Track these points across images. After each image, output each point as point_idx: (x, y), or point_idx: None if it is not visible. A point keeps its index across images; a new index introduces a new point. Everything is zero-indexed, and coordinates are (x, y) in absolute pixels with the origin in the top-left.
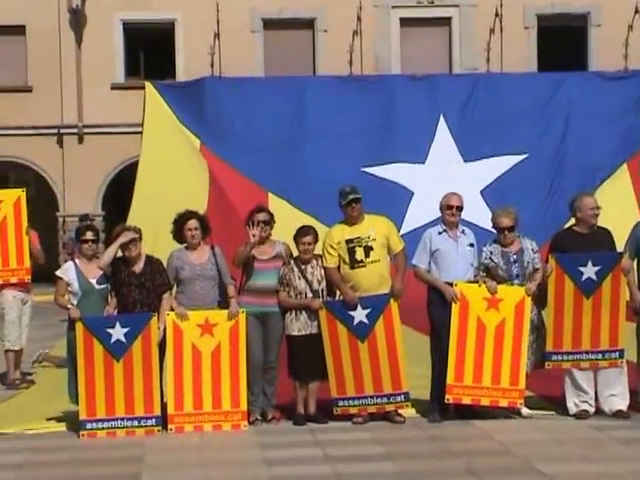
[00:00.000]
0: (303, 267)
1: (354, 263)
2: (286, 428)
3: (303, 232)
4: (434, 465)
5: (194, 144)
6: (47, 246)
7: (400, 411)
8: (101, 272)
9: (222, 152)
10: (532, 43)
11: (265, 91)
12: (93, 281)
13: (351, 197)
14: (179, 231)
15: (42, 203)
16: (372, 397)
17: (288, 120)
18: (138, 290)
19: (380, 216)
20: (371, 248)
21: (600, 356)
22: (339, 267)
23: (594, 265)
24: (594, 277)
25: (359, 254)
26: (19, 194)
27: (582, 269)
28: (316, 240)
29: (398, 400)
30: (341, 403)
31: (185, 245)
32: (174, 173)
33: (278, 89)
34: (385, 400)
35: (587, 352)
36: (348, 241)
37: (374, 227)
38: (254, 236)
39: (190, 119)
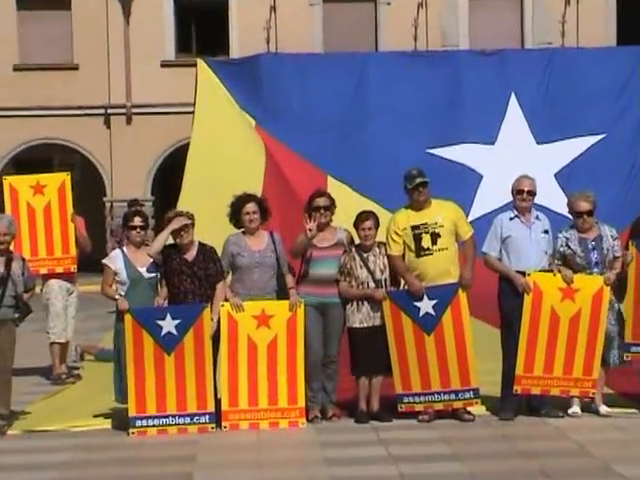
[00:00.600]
0: (365, 255)
1: (420, 251)
2: (347, 426)
3: (363, 217)
4: (505, 466)
5: (249, 124)
6: (93, 233)
7: (469, 408)
8: (151, 260)
9: (279, 133)
10: (611, 14)
11: (324, 68)
12: (142, 270)
13: (418, 181)
14: (236, 215)
15: (88, 188)
16: (439, 393)
17: (349, 99)
18: (190, 279)
19: (447, 201)
20: (438, 235)
21: None
22: (404, 255)
23: None
24: None
25: (425, 241)
26: (64, 178)
27: None
28: (377, 226)
29: (467, 397)
30: (406, 399)
31: (242, 230)
32: (228, 155)
33: (338, 66)
34: (453, 397)
35: None
36: (414, 227)
37: (441, 213)
38: (310, 230)
39: (245, 98)
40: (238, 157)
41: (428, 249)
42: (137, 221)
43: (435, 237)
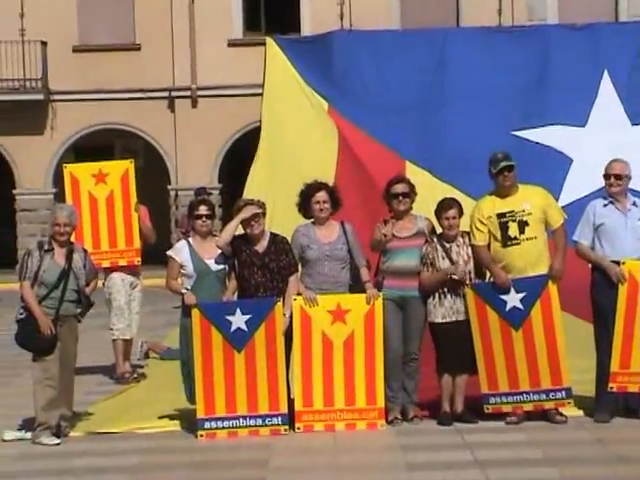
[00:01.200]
0: (448, 246)
1: (507, 240)
2: (430, 428)
3: (446, 205)
4: (601, 472)
5: (321, 107)
6: (158, 224)
7: (561, 409)
8: (219, 252)
9: (353, 115)
10: None
11: (401, 46)
12: (209, 262)
13: (503, 164)
14: (306, 204)
15: (152, 175)
16: (528, 393)
17: (428, 78)
18: (261, 272)
19: (536, 187)
20: (526, 223)
21: None
22: (489, 245)
23: None
24: None
25: (512, 230)
26: (127, 166)
27: None
28: (461, 214)
29: (558, 397)
30: (492, 400)
31: (312, 220)
32: (299, 140)
33: (416, 43)
34: (543, 397)
35: None
36: (500, 215)
37: (529, 199)
38: (385, 236)
39: (317, 78)
40: (310, 142)
41: (515, 238)
42: (203, 210)
43: (523, 225)
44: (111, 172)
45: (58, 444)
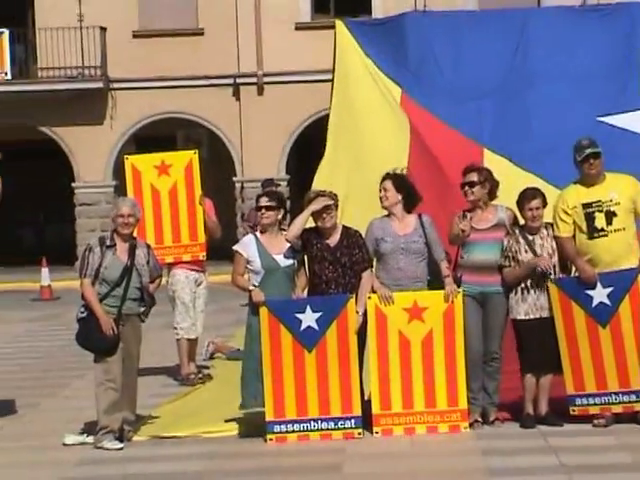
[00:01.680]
0: (531, 238)
1: (593, 232)
2: (512, 431)
3: (529, 195)
4: None
5: (394, 93)
6: (223, 217)
7: None
8: (287, 246)
9: (428, 102)
10: None
11: (480, 28)
12: (278, 257)
13: (589, 151)
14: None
15: (216, 166)
16: (617, 394)
17: (508, 61)
18: (332, 267)
19: (624, 175)
20: (614, 214)
21: None
22: (574, 237)
23: None
24: None
25: (599, 221)
26: (190, 156)
27: None
28: (544, 204)
29: None
30: (579, 401)
31: (387, 213)
32: (370, 128)
33: (495, 24)
34: (633, 398)
35: None
36: (585, 205)
37: (617, 188)
38: (464, 232)
39: (389, 63)
40: (381, 130)
41: (602, 230)
42: (263, 201)
43: (610, 216)
44: (174, 163)
45: (121, 449)
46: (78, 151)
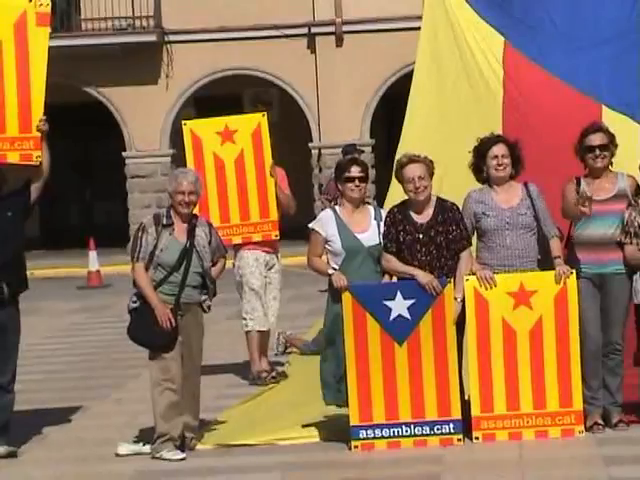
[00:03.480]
0: None
1: None
2: (638, 436)
3: None
4: None
5: (495, 43)
6: (298, 190)
7: None
8: (373, 223)
9: (536, 53)
10: None
11: None
12: (362, 236)
13: None
14: (480, 162)
15: (289, 131)
16: None
17: (628, 3)
18: (426, 249)
19: None
20: None
21: None
22: None
23: None
24: None
25: None
26: (259, 120)
27: None
28: None
29: None
30: None
31: (487, 183)
32: (462, 85)
33: None
34: None
35: None
36: None
37: None
38: (584, 200)
39: (490, 8)
40: (478, 88)
41: None
42: (355, 171)
43: None
44: (240, 128)
45: (183, 459)
46: (129, 115)
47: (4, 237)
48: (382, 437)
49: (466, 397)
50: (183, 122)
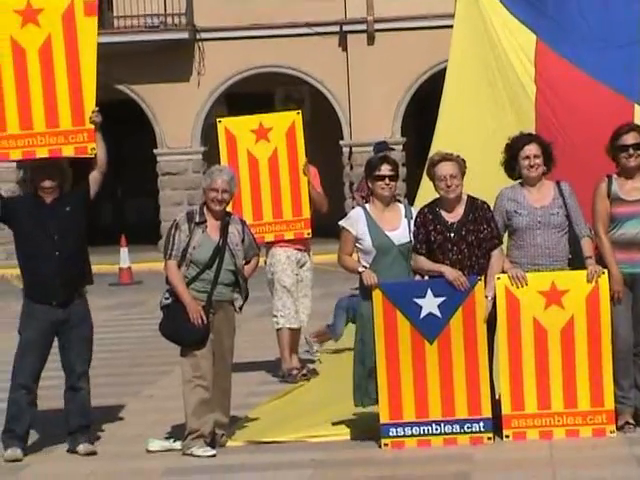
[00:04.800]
0: None
1: None
2: None
3: None
4: None
5: (527, 41)
6: (330, 188)
7: None
8: (403, 221)
9: (569, 51)
10: None
11: None
12: (392, 234)
13: None
14: (512, 161)
15: (321, 129)
16: None
17: None
18: (457, 248)
19: None
20: None
21: None
22: None
23: None
24: None
25: None
26: (293, 118)
27: None
28: None
29: None
30: None
31: (520, 181)
32: (495, 83)
33: None
34: None
35: None
36: None
37: None
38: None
39: (522, 5)
40: (511, 86)
41: None
42: (385, 170)
43: None
44: (274, 126)
45: (213, 456)
46: (161, 112)
47: (64, 232)
48: (412, 435)
49: (497, 396)
50: (218, 119)
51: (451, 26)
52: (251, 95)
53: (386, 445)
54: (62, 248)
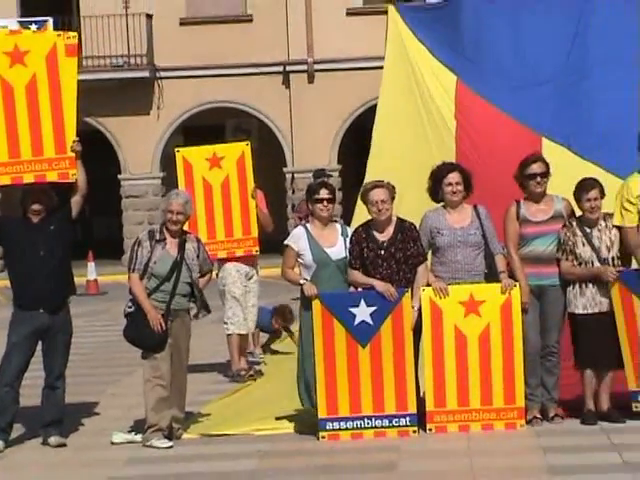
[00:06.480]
0: (588, 230)
1: None
2: (573, 428)
3: (587, 186)
4: None
5: (448, 80)
6: (274, 210)
7: None
8: (340, 239)
9: (484, 89)
10: None
11: (538, 13)
12: (330, 250)
13: None
14: (437, 186)
15: (266, 157)
16: None
17: (567, 47)
18: (387, 264)
19: None
20: None
21: None
22: (638, 227)
23: None
24: None
25: None
26: (243, 148)
27: None
28: (602, 195)
29: None
30: None
31: (442, 204)
32: (420, 119)
33: (554, 10)
34: None
35: None
36: None
37: None
38: None
39: (444, 49)
40: (433, 121)
41: None
42: (324, 193)
43: None
44: (226, 155)
45: (170, 447)
46: (124, 142)
47: (50, 248)
48: (347, 429)
49: (421, 394)
50: (176, 149)
51: (382, 67)
52: (205, 127)
53: (323, 437)
54: (48, 262)
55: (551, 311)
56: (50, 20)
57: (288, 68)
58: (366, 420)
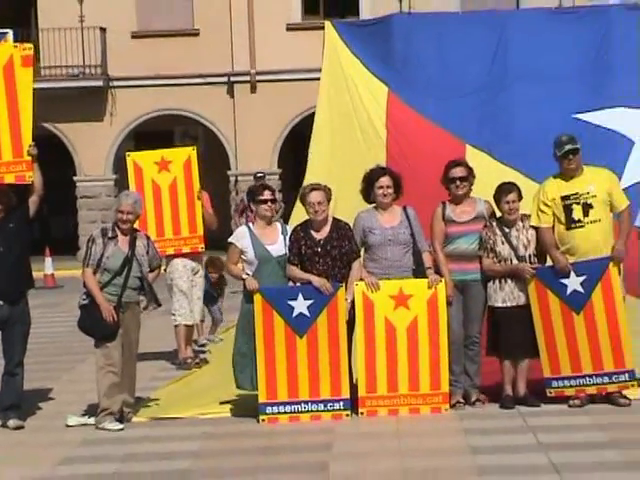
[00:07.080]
0: (507, 230)
1: (571, 223)
2: (492, 412)
3: (506, 189)
4: None
5: (380, 91)
6: (219, 210)
7: (624, 392)
8: (280, 237)
9: (413, 99)
10: None
11: (462, 28)
12: (271, 248)
13: (568, 148)
14: (369, 189)
15: (212, 161)
16: (591, 376)
17: (489, 61)
18: (323, 260)
19: (602, 168)
20: (591, 206)
21: None
22: (553, 228)
23: None
24: None
25: (577, 213)
26: (189, 153)
27: None
28: (520, 198)
29: (621, 379)
30: (555, 384)
31: (374, 205)
32: (354, 126)
33: (476, 26)
34: (606, 380)
35: None
36: (564, 198)
37: (594, 181)
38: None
39: (376, 63)
40: (365, 128)
41: (579, 221)
42: (267, 195)
43: (587, 208)
44: (174, 159)
45: (121, 429)
46: (79, 146)
47: (9, 245)
48: (285, 412)
49: (354, 380)
50: (127, 153)
51: (319, 78)
52: (154, 133)
53: (263, 421)
54: (7, 258)
55: (473, 304)
56: (10, 32)
57: (232, 79)
58: (303, 405)
